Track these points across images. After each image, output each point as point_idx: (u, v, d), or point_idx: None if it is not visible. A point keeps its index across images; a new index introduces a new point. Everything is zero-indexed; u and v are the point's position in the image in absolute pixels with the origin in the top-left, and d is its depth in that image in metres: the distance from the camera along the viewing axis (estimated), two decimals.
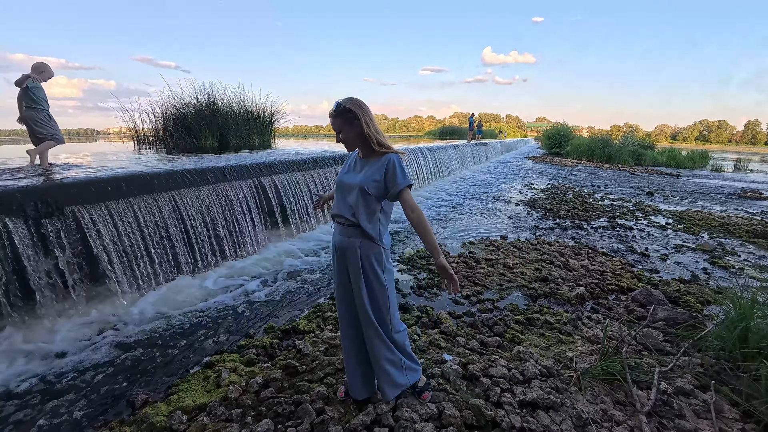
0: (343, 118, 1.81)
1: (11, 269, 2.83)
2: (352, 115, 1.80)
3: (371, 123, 1.82)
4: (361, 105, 1.83)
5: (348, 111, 1.80)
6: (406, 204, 1.81)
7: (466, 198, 9.42)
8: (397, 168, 1.80)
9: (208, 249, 4.18)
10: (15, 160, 5.33)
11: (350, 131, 1.82)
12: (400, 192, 1.80)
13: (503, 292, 3.75)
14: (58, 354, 2.66)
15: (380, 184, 1.81)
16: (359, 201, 1.82)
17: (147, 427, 1.92)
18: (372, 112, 1.88)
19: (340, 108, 1.81)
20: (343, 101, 1.83)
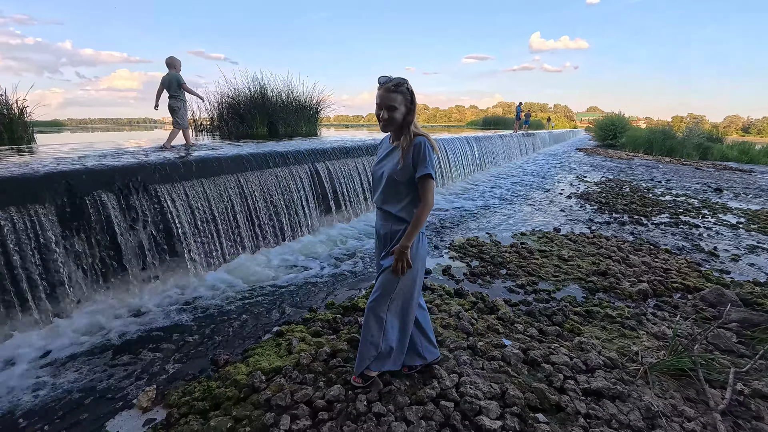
0: (402, 94, 1.78)
1: (108, 239, 3.18)
2: (410, 94, 1.79)
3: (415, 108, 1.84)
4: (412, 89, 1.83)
5: (407, 90, 1.79)
6: (423, 191, 1.80)
7: (515, 189, 9.18)
8: (426, 152, 1.78)
9: (268, 229, 4.43)
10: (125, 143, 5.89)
11: (402, 110, 1.79)
12: (421, 178, 1.78)
13: (559, 284, 3.68)
14: (146, 315, 2.98)
15: (409, 169, 1.80)
16: (390, 189, 1.85)
17: (231, 383, 2.12)
18: None
19: (402, 85, 1.78)
20: (401, 78, 1.80)
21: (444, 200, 7.65)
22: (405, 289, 1.94)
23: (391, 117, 1.78)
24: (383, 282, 1.93)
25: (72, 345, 2.57)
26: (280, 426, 1.79)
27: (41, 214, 2.83)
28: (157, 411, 1.99)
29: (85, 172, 3.18)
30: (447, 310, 2.98)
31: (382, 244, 2.00)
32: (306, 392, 2.02)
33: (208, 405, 1.97)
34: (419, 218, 1.80)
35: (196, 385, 2.12)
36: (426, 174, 1.77)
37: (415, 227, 1.81)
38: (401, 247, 1.81)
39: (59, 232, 2.91)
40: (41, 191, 2.87)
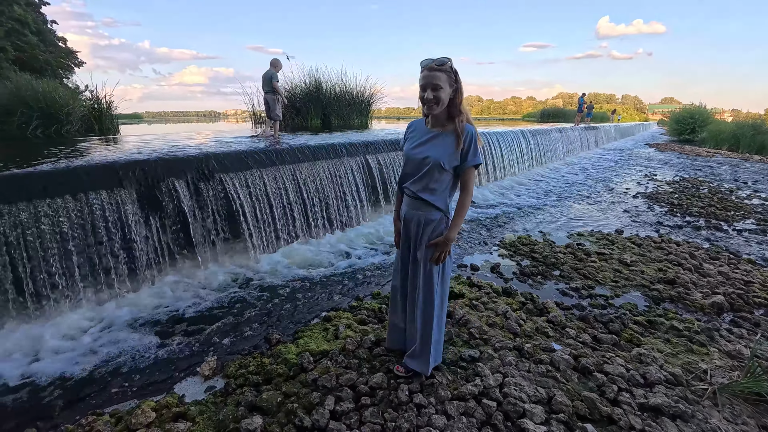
0: (447, 75, 1.69)
1: (180, 221, 3.50)
2: (455, 74, 1.71)
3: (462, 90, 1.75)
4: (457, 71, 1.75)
5: (451, 69, 1.70)
6: (466, 182, 1.78)
7: (573, 186, 8.65)
8: (473, 141, 1.74)
9: (320, 218, 4.60)
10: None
11: (447, 89, 1.70)
12: (469, 168, 1.76)
13: (618, 290, 3.44)
14: (210, 291, 3.25)
15: (455, 157, 1.74)
16: (432, 176, 1.77)
17: (282, 361, 2.26)
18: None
19: (445, 64, 1.69)
20: (444, 58, 1.71)
21: (495, 195, 7.42)
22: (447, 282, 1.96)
23: (437, 97, 1.70)
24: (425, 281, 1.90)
25: (148, 314, 2.89)
26: (326, 405, 1.89)
27: (125, 197, 3.18)
28: (216, 380, 2.19)
29: (160, 161, 3.52)
30: (494, 309, 2.92)
31: (413, 233, 1.90)
32: (350, 377, 2.10)
33: (261, 379, 2.12)
34: (464, 207, 1.78)
35: (251, 360, 2.29)
36: (477, 164, 1.76)
37: (460, 217, 1.79)
38: (447, 239, 1.80)
39: (139, 214, 3.26)
40: (125, 178, 3.23)
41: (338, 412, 1.87)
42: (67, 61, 22.73)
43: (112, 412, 1.94)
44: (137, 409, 1.89)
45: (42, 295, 2.77)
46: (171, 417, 1.85)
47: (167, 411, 1.89)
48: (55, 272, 2.81)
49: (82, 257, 2.95)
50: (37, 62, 19.01)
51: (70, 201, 2.91)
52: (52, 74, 17.43)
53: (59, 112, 7.56)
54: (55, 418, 1.94)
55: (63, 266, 2.85)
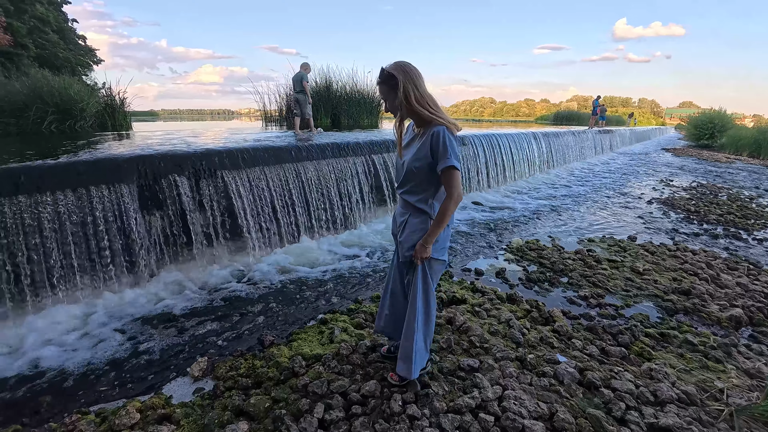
0: (387, 85, 1.67)
1: (179, 218, 3.48)
2: (394, 81, 1.65)
3: (417, 90, 1.65)
4: (405, 69, 1.66)
5: (390, 77, 1.65)
6: (447, 184, 1.66)
7: (585, 190, 8.44)
8: (442, 142, 1.62)
9: (323, 217, 4.54)
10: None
11: (394, 98, 1.67)
12: (443, 171, 1.64)
13: (630, 299, 3.29)
14: (207, 290, 3.21)
15: (428, 159, 1.67)
16: (410, 179, 1.75)
17: (273, 364, 2.19)
18: (421, 77, 1.69)
19: (383, 74, 1.67)
20: (388, 66, 1.68)
21: (504, 198, 7.27)
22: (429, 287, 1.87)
23: (390, 108, 1.73)
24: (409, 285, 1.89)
25: (144, 311, 2.86)
26: (314, 413, 1.81)
27: (125, 192, 3.16)
28: (206, 381, 2.13)
29: (161, 157, 3.49)
30: (497, 316, 2.81)
31: (399, 233, 1.89)
32: (342, 383, 2.02)
33: (250, 382, 2.06)
34: (443, 213, 1.68)
35: (243, 362, 2.23)
36: (448, 166, 1.63)
37: (438, 223, 1.70)
38: (422, 245, 1.74)
39: (138, 209, 3.24)
40: (128, 172, 3.21)
41: (327, 421, 1.79)
42: (86, 58, 23.24)
43: (98, 411, 1.90)
44: (122, 409, 1.84)
45: (39, 288, 2.76)
46: (156, 419, 1.80)
47: (152, 412, 1.84)
48: (54, 265, 2.80)
49: (81, 251, 2.94)
50: (57, 60, 19.46)
51: (70, 195, 2.90)
52: (71, 71, 17.82)
53: (73, 108, 7.68)
54: (42, 414, 1.91)
55: (61, 260, 2.84)
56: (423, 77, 1.70)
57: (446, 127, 1.66)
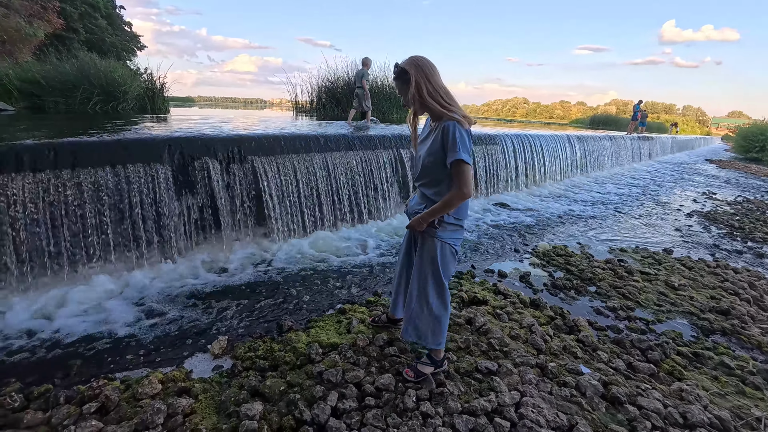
0: (401, 80, 1.74)
1: (209, 200, 3.57)
2: (407, 76, 1.70)
3: (430, 84, 1.70)
4: (419, 63, 1.71)
5: (404, 72, 1.72)
6: (456, 177, 1.68)
7: (619, 198, 8.08)
8: (452, 136, 1.65)
9: (347, 208, 4.55)
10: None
11: (407, 93, 1.73)
12: (452, 164, 1.66)
13: (662, 315, 3.12)
14: (232, 271, 3.29)
15: (440, 153, 1.71)
16: (426, 172, 1.81)
17: (291, 350, 2.21)
18: (435, 71, 1.73)
19: (397, 69, 1.74)
20: (402, 62, 1.74)
21: (534, 201, 7.06)
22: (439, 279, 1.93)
23: (405, 103, 1.78)
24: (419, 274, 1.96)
25: (171, 287, 2.96)
26: (328, 401, 1.81)
27: (160, 172, 3.27)
28: (225, 360, 2.18)
29: (194, 139, 3.59)
30: (518, 320, 2.73)
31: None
32: (357, 374, 2.02)
33: (267, 364, 2.09)
34: (448, 201, 1.72)
35: (261, 344, 2.27)
36: (457, 159, 1.65)
37: (443, 206, 1.73)
38: (420, 218, 1.80)
39: (172, 189, 3.34)
40: (162, 152, 3.32)
41: (340, 410, 1.79)
42: (130, 44, 24.26)
43: (123, 378, 1.98)
44: (145, 378, 1.91)
45: (77, 260, 2.91)
46: (176, 391, 1.86)
47: (173, 385, 1.90)
48: (91, 236, 2.94)
49: (116, 226, 3.07)
50: (104, 44, 20.40)
51: (109, 172, 3.02)
52: (117, 56, 18.66)
53: (117, 91, 8.04)
54: (71, 376, 2.01)
55: (97, 233, 2.98)
56: (437, 71, 1.74)
57: (458, 122, 1.68)
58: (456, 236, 1.89)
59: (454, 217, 1.84)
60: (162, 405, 1.70)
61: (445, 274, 1.92)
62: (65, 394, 1.79)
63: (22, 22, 15.03)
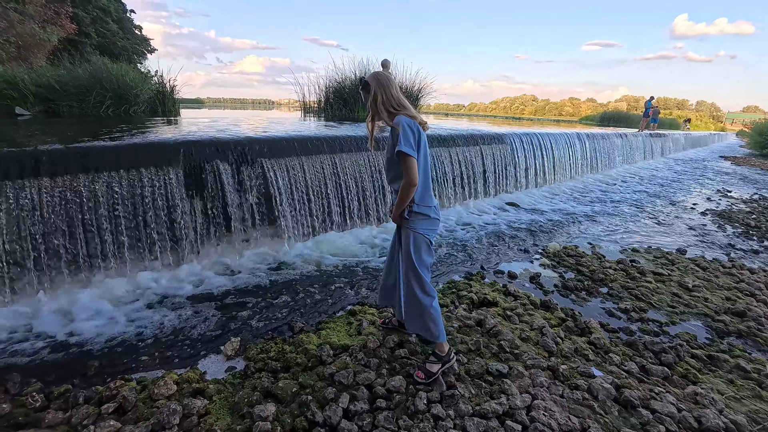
0: (365, 90, 2.02)
1: (220, 202, 3.62)
2: (369, 87, 1.98)
3: (385, 94, 1.95)
4: (378, 78, 1.98)
5: (366, 84, 2.00)
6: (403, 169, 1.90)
7: (631, 197, 7.97)
8: (398, 132, 1.86)
9: (356, 209, 4.57)
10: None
11: (370, 101, 2.00)
12: (397, 156, 1.88)
13: (675, 317, 3.08)
14: (242, 273, 3.33)
15: (393, 151, 1.92)
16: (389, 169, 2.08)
17: (302, 351, 2.24)
18: (391, 84, 1.98)
19: (362, 82, 2.03)
20: (367, 76, 2.03)
21: (543, 200, 7.00)
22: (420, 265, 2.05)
23: (368, 107, 2.04)
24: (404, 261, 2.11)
25: (183, 289, 3.01)
26: (339, 403, 1.83)
27: (171, 175, 3.32)
28: (238, 361, 2.21)
29: (205, 143, 3.64)
30: (529, 322, 2.72)
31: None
32: (368, 376, 2.03)
33: (279, 366, 2.11)
34: (401, 192, 1.96)
35: (273, 346, 2.30)
36: (398, 151, 1.86)
37: (399, 198, 1.97)
38: (392, 213, 2.08)
39: (184, 192, 3.40)
40: (173, 156, 3.37)
41: (351, 412, 1.81)
42: (141, 47, 24.61)
43: (139, 379, 2.02)
44: (161, 380, 1.95)
45: (93, 261, 2.97)
46: (190, 392, 1.89)
47: (188, 386, 1.93)
48: (107, 240, 3.00)
49: (130, 229, 3.13)
50: (116, 48, 20.73)
51: (123, 175, 3.08)
52: (128, 59, 18.94)
53: (128, 94, 8.17)
54: (89, 377, 2.06)
55: (113, 235, 3.04)
56: (394, 84, 2.01)
57: (403, 117, 1.91)
58: (427, 227, 2.04)
59: (423, 206, 2.02)
60: (177, 406, 1.73)
61: (420, 264, 2.04)
62: (84, 395, 1.84)
63: (36, 27, 15.36)
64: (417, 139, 1.91)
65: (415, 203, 2.00)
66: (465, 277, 3.50)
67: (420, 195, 2.00)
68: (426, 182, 2.03)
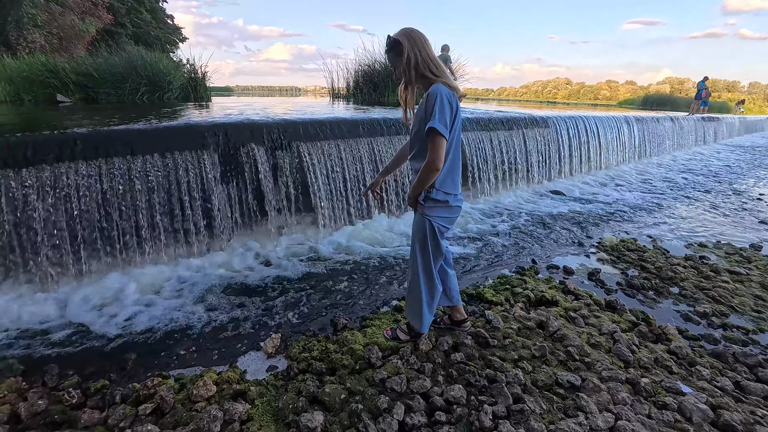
0: (394, 52, 1.71)
1: (255, 187, 3.47)
2: (400, 48, 1.67)
3: (421, 55, 1.66)
4: (410, 34, 1.68)
5: (397, 43, 1.68)
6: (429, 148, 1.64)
7: (688, 185, 7.31)
8: (432, 102, 1.60)
9: (394, 197, 4.33)
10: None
11: (400, 64, 1.70)
12: (427, 133, 1.62)
13: (763, 323, 2.68)
14: (280, 262, 3.18)
15: (424, 123, 1.65)
16: (414, 144, 1.82)
17: (348, 351, 2.05)
18: (426, 42, 1.69)
19: (390, 41, 1.71)
20: (395, 34, 1.70)
21: (591, 188, 6.51)
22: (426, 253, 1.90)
23: (398, 73, 1.75)
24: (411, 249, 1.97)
25: (219, 278, 2.89)
26: (394, 414, 1.63)
27: (206, 158, 3.19)
28: (279, 360, 2.05)
29: (240, 125, 3.48)
30: (596, 326, 2.41)
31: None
32: (423, 383, 1.82)
33: (324, 367, 1.93)
34: (421, 174, 1.71)
35: (315, 344, 2.12)
36: (430, 127, 1.60)
37: (418, 181, 1.74)
38: (408, 196, 1.87)
39: (219, 177, 3.26)
40: (208, 139, 3.23)
41: (408, 425, 1.60)
42: (173, 36, 25.05)
43: (177, 377, 1.90)
44: (199, 379, 1.81)
45: (129, 246, 2.90)
46: (231, 394, 1.74)
47: (228, 386, 1.78)
48: (143, 225, 2.92)
49: (166, 214, 3.03)
50: (150, 37, 21.18)
51: (158, 159, 2.97)
52: (161, 48, 19.30)
53: (162, 81, 8.22)
54: (127, 371, 1.96)
55: (149, 220, 2.95)
56: (429, 42, 1.71)
57: (442, 86, 1.64)
58: (442, 215, 1.83)
59: (443, 192, 1.78)
60: (218, 411, 1.58)
61: (427, 252, 1.88)
62: (121, 393, 1.73)
63: (75, 18, 15.82)
64: (453, 116, 1.66)
65: (435, 188, 1.77)
66: (517, 271, 3.20)
67: (441, 180, 1.76)
68: (452, 166, 1.79)
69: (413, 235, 1.92)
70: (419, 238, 1.87)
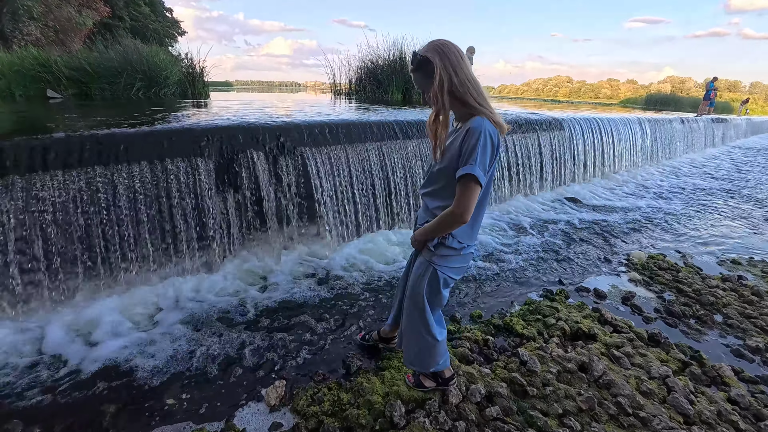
0: (422, 72, 1.39)
1: (255, 197, 3.16)
2: (431, 67, 1.35)
3: (457, 76, 1.33)
4: (442, 49, 1.34)
5: (426, 62, 1.35)
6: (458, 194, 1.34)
7: (705, 192, 7.02)
8: (474, 140, 1.29)
9: (404, 205, 4.02)
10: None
11: (429, 87, 1.37)
12: (460, 177, 1.32)
13: None
14: (281, 283, 2.88)
15: (455, 159, 1.37)
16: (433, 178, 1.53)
17: (365, 404, 1.75)
18: (464, 59, 1.35)
19: (416, 59, 1.38)
20: (421, 49, 1.38)
21: (608, 195, 6.21)
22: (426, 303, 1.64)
23: (428, 99, 1.42)
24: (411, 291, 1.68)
25: (211, 303, 2.58)
26: None
27: (201, 166, 2.88)
28: (284, 414, 1.76)
29: (238, 129, 3.17)
30: (644, 367, 2.12)
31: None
32: None
33: (338, 426, 1.64)
34: (441, 220, 1.43)
35: (326, 392, 1.83)
36: (465, 173, 1.30)
37: (435, 226, 1.47)
38: (415, 236, 1.59)
39: (214, 185, 2.96)
40: (204, 144, 2.92)
41: None
42: (172, 30, 24.61)
43: None
44: None
45: (113, 265, 2.59)
46: None
47: None
48: (128, 241, 2.61)
49: (154, 227, 2.72)
50: (148, 31, 20.75)
51: (146, 167, 2.66)
52: (159, 42, 18.90)
53: (158, 76, 7.88)
54: (103, 429, 1.66)
55: (136, 236, 2.65)
56: (466, 59, 1.38)
57: (488, 123, 1.32)
58: (453, 265, 1.56)
59: (458, 240, 1.50)
60: None
61: (431, 303, 1.63)
62: None
63: (72, 11, 15.40)
64: (492, 159, 1.36)
65: (451, 235, 1.49)
66: (545, 295, 2.91)
67: (463, 229, 1.48)
68: (477, 216, 1.49)
69: (413, 281, 1.65)
70: (418, 285, 1.61)
